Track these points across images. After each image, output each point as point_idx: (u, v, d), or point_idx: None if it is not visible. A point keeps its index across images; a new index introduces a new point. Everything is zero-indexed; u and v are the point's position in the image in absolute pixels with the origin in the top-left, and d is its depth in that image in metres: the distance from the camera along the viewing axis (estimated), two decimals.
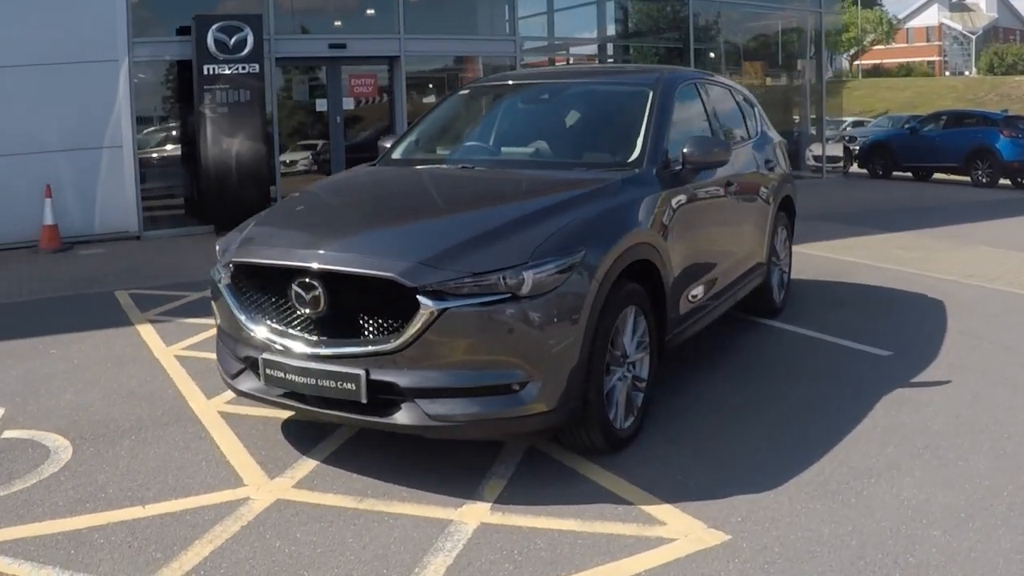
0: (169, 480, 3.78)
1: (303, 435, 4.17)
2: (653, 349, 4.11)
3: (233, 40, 11.33)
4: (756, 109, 6.30)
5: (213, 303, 4.06)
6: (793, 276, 7.54)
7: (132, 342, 6.06)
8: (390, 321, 3.41)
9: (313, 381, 3.52)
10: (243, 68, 11.43)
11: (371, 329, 3.46)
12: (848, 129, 24.81)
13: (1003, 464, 3.70)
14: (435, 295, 3.31)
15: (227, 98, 11.40)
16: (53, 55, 10.50)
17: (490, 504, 3.43)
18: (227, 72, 11.37)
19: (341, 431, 4.15)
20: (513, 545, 3.10)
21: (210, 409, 4.60)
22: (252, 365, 3.79)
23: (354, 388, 3.43)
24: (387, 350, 3.38)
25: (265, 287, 3.72)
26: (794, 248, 8.64)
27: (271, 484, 3.70)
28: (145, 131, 12.15)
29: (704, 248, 4.77)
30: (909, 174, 18.84)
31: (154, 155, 12.47)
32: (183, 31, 11.64)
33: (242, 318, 3.77)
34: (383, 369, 3.40)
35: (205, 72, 11.29)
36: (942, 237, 9.97)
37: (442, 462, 3.80)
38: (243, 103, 11.47)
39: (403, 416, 3.40)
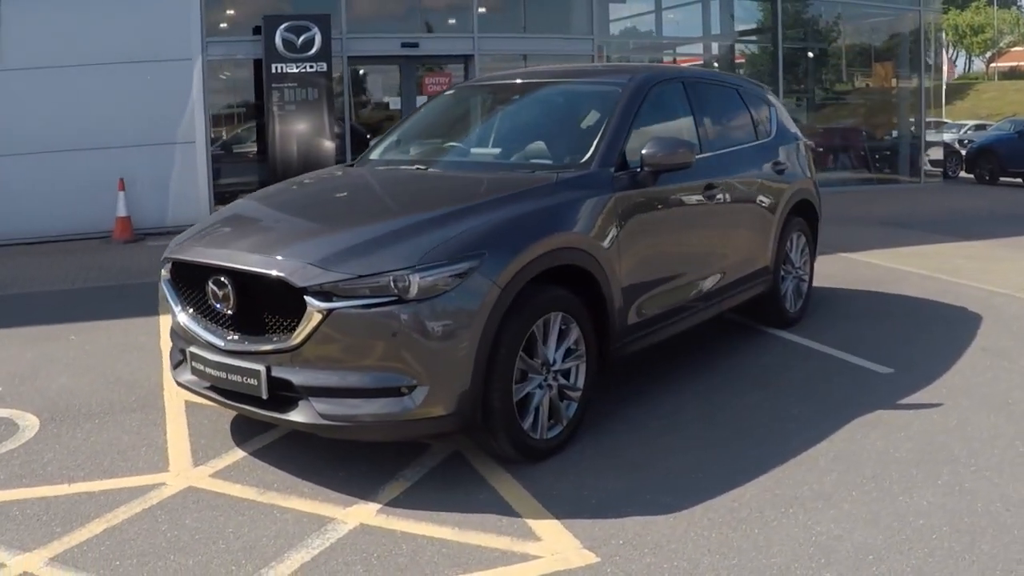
0: (105, 462, 3.97)
1: (247, 428, 4.28)
2: (591, 358, 4.00)
3: (301, 39, 11.73)
4: (773, 110, 6.03)
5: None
6: (832, 285, 7.26)
7: (149, 331, 6.37)
8: (289, 320, 3.47)
9: (224, 375, 3.64)
10: (311, 67, 11.81)
11: (273, 328, 3.53)
12: (969, 132, 23.41)
13: (951, 502, 3.38)
14: (323, 296, 3.35)
15: (295, 96, 11.82)
16: (130, 54, 11.17)
17: (380, 506, 3.44)
18: (295, 71, 11.78)
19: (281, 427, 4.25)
20: (377, 548, 3.10)
21: (178, 398, 4.79)
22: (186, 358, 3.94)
23: (256, 384, 3.52)
24: (283, 348, 3.45)
25: (192, 284, 3.86)
26: (851, 255, 8.29)
27: (191, 472, 3.83)
28: (218, 128, 12.73)
29: (671, 254, 4.62)
30: (1019, 180, 17.60)
31: (227, 151, 13.04)
32: (258, 31, 12.12)
33: (177, 312, 3.93)
34: (281, 367, 3.47)
35: (273, 70, 11.74)
36: (1017, 247, 9.27)
37: (359, 462, 3.83)
38: (311, 101, 11.86)
39: (298, 414, 3.46)
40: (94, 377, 5.23)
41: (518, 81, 5.37)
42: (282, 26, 11.68)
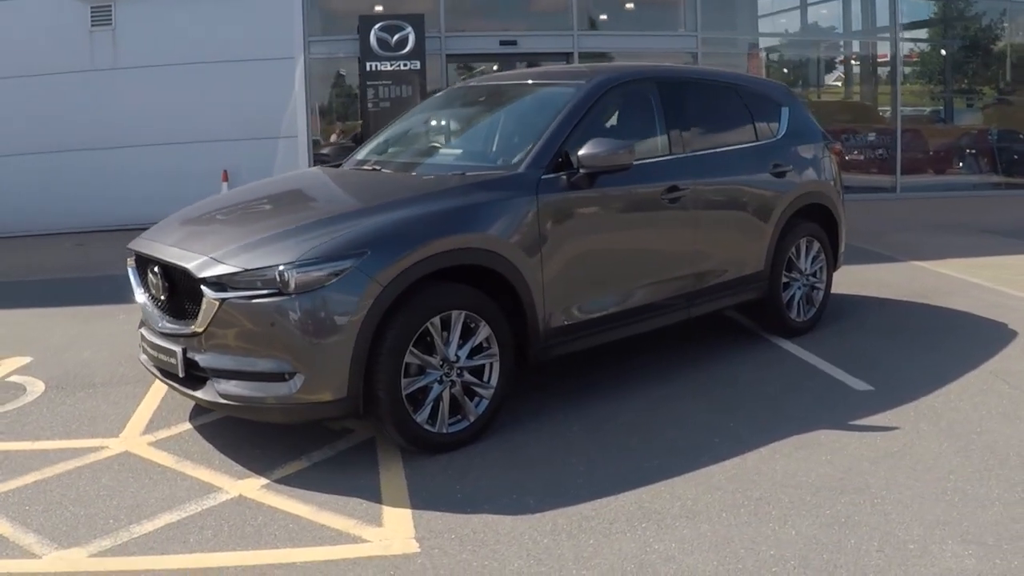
0: (73, 426, 4.52)
1: None
2: (506, 358, 4.13)
3: (395, 38, 12.27)
4: (785, 110, 5.84)
5: None
6: (875, 294, 6.98)
7: None
8: (198, 308, 3.84)
9: (158, 355, 4.07)
10: (404, 65, 12.34)
11: (189, 314, 3.93)
12: None
13: (823, 535, 3.19)
14: (218, 286, 3.71)
15: (389, 93, 12.38)
16: (235, 53, 12.10)
17: (267, 481, 3.75)
18: (388, 68, 12.34)
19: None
20: (237, 518, 3.42)
21: None
22: None
23: (175, 363, 3.93)
24: (192, 333, 3.83)
25: (143, 272, 4.33)
26: (922, 264, 7.98)
27: (135, 439, 4.30)
28: (320, 123, 13.52)
29: (614, 258, 4.65)
30: None
31: (328, 145, 13.80)
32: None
33: (136, 296, 4.41)
34: (192, 349, 3.85)
35: (368, 68, 12.34)
36: None
37: (279, 441, 4.15)
38: (404, 98, 12.37)
39: (204, 392, 3.83)
40: (111, 353, 5.85)
41: (492, 83, 5.52)
42: (377, 26, 12.25)
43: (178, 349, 3.90)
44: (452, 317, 3.94)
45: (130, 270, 4.53)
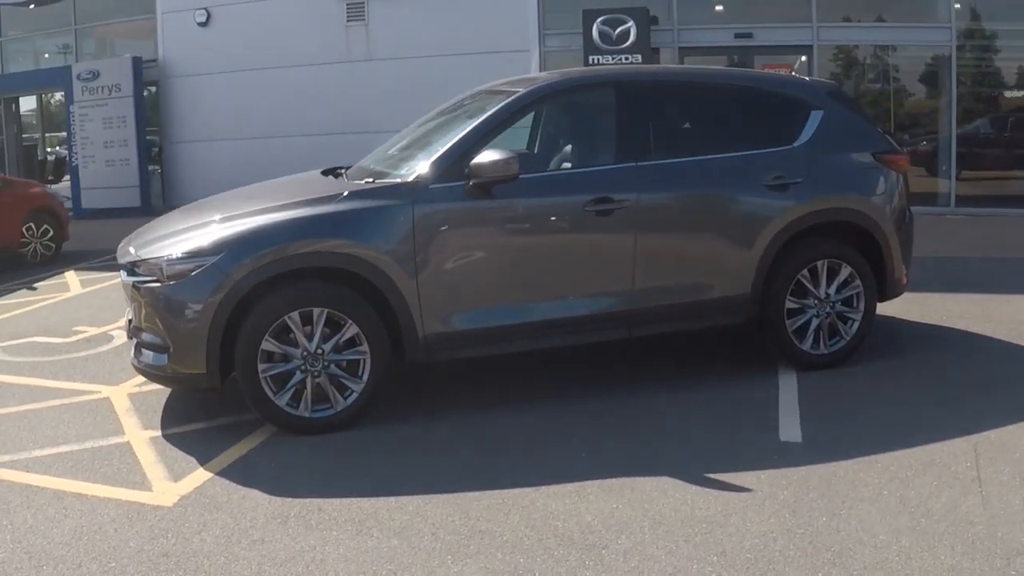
0: (100, 375, 5.75)
1: None
2: (378, 356, 4.55)
3: (616, 32, 12.62)
4: (816, 114, 5.38)
5: None
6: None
7: None
8: None
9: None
10: (626, 59, 12.63)
11: None
12: None
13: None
14: (129, 271, 4.62)
15: None
16: (474, 46, 13.25)
17: (157, 433, 4.67)
18: (610, 62, 12.70)
19: None
20: (109, 457, 4.36)
21: None
22: None
23: (124, 331, 4.94)
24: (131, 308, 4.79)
25: None
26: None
27: (122, 389, 5.41)
28: None
29: (513, 269, 4.78)
30: None
31: None
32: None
33: None
34: (134, 323, 4.80)
35: (590, 62, 12.81)
36: None
37: (212, 410, 4.99)
38: None
39: (134, 360, 4.77)
40: None
41: (472, 91, 5.78)
42: (599, 19, 12.65)
43: (128, 319, 4.88)
44: (313, 313, 4.47)
45: None
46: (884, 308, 6.54)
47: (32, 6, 16.74)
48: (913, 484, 3.89)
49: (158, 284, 4.47)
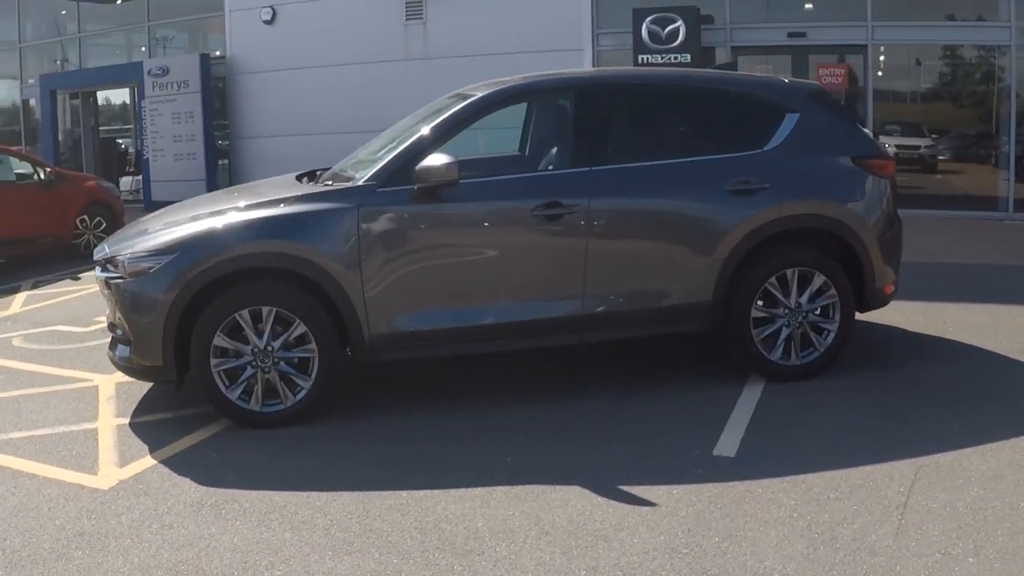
0: (96, 363, 6.17)
1: None
2: (326, 354, 4.78)
3: (666, 31, 12.57)
4: (792, 116, 5.30)
5: None
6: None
7: None
8: None
9: None
10: (674, 58, 12.58)
11: None
12: None
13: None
14: (101, 267, 4.98)
15: None
16: (525, 45, 13.42)
17: (126, 421, 5.03)
18: (659, 61, 12.68)
19: None
20: (73, 442, 4.72)
21: None
22: None
23: (105, 326, 5.32)
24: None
25: None
26: None
27: (109, 378, 5.80)
28: None
29: (457, 273, 4.92)
30: None
31: None
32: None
33: None
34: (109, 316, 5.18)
35: (639, 61, 12.82)
36: None
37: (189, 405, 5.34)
38: None
39: (109, 352, 5.13)
40: None
41: (451, 93, 5.92)
42: (648, 18, 12.62)
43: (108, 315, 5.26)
44: (263, 311, 4.73)
45: None
46: (887, 318, 6.50)
47: (119, 1, 17.65)
48: (831, 507, 3.79)
49: (122, 280, 4.79)
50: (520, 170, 5.45)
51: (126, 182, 17.49)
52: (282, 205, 4.89)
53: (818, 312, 5.32)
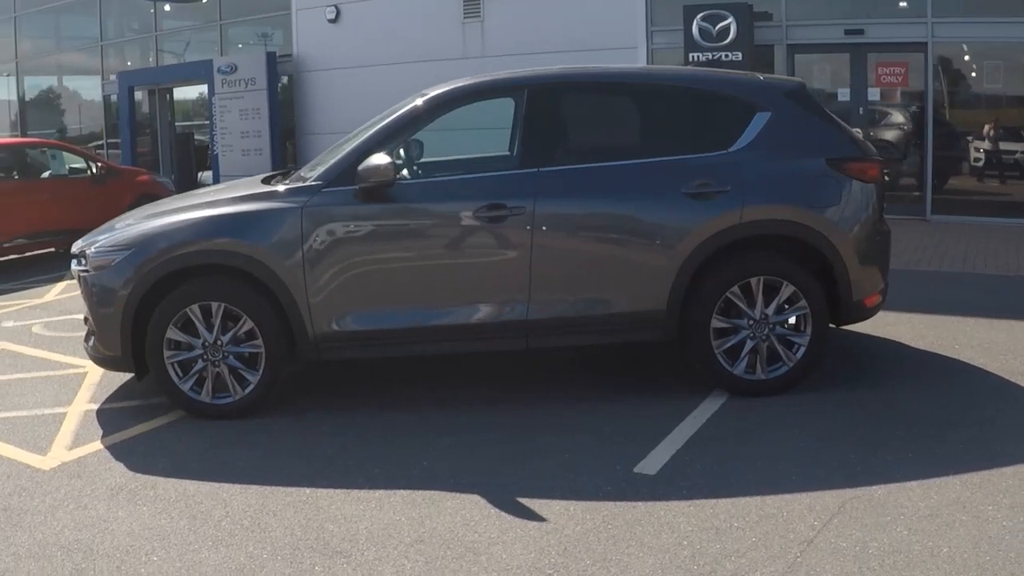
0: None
1: None
2: (273, 350, 5.01)
3: (717, 28, 12.42)
4: (761, 115, 5.15)
5: None
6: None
7: None
8: None
9: None
10: (725, 55, 12.42)
11: None
12: None
13: None
14: (76, 260, 5.33)
15: None
16: (581, 43, 13.50)
17: (97, 406, 5.39)
18: (710, 59, 12.53)
19: None
20: (41, 425, 5.09)
21: None
22: None
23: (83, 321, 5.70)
24: None
25: None
26: None
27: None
28: None
29: (399, 274, 5.03)
30: None
31: None
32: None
33: None
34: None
35: (690, 59, 12.69)
36: None
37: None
38: None
39: (84, 342, 5.49)
40: None
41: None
42: (699, 15, 12.47)
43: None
44: (212, 307, 4.99)
45: None
46: (893, 331, 6.40)
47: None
48: (727, 538, 3.61)
49: (87, 273, 5.13)
50: (477, 171, 5.54)
51: (206, 176, 18.23)
52: (234, 204, 5.14)
53: (787, 325, 5.17)
